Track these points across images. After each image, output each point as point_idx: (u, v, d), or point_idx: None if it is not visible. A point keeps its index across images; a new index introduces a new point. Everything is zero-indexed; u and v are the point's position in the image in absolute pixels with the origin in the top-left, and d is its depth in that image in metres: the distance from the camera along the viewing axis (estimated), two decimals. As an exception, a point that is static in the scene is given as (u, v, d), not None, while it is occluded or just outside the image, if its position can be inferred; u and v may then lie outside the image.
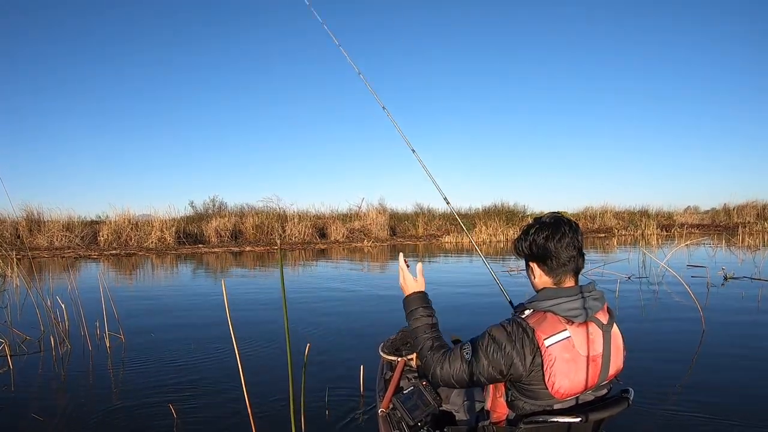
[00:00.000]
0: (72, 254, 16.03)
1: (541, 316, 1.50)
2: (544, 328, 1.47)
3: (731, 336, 4.89)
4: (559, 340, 1.45)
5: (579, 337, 1.48)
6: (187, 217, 22.22)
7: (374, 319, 5.90)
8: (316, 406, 3.26)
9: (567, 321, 1.49)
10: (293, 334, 5.29)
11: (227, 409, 3.22)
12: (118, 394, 3.57)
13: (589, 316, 1.51)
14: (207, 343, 4.85)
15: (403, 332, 3.07)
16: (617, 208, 26.23)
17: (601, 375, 1.52)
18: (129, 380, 3.89)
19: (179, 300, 7.63)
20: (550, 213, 1.64)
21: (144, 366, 4.23)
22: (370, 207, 23.72)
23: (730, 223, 25.04)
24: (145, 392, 3.57)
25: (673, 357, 4.27)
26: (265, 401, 3.33)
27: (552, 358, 1.44)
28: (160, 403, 3.30)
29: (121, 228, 19.05)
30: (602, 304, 1.56)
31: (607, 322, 1.55)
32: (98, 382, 3.91)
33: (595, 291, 1.56)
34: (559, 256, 1.55)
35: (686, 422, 2.91)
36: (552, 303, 1.51)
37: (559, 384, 1.46)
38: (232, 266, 13.00)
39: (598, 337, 1.51)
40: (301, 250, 17.23)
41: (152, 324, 5.80)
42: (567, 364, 1.45)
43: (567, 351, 1.46)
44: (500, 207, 24.97)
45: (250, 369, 4.08)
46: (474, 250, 15.99)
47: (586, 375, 1.49)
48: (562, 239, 1.54)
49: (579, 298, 1.51)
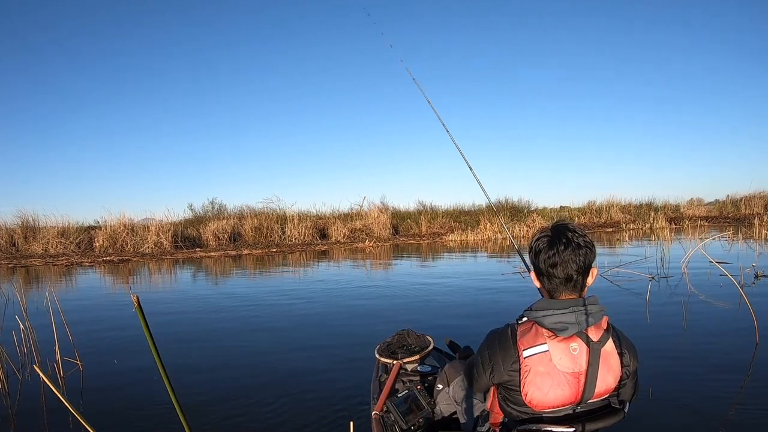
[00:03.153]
0: (65, 261, 15.58)
1: (529, 326, 1.52)
2: (527, 338, 1.50)
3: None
4: (536, 352, 1.47)
5: (558, 352, 1.47)
6: (186, 220, 21.83)
7: (370, 321, 5.74)
8: (310, 407, 3.22)
9: (550, 334, 1.48)
10: (286, 335, 4.99)
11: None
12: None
13: (574, 331, 1.48)
14: (179, 370, 4.24)
15: (399, 335, 3.09)
16: (622, 202, 25.70)
17: (585, 392, 1.48)
18: (82, 418, 3.38)
19: (156, 316, 6.68)
20: (559, 222, 1.61)
21: (102, 400, 3.63)
22: (372, 206, 23.27)
23: (738, 214, 24.49)
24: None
25: (725, 369, 3.76)
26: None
27: (527, 369, 1.47)
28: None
29: (117, 233, 18.62)
30: (597, 320, 1.51)
31: (599, 339, 1.50)
32: (40, 421, 3.30)
33: (593, 306, 1.51)
34: (552, 273, 1.54)
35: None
36: (541, 314, 1.51)
37: (532, 395, 1.47)
38: (227, 271, 12.55)
39: (582, 354, 1.48)
40: (301, 252, 16.76)
41: (118, 345, 5.13)
42: (541, 377, 1.46)
43: (542, 364, 1.46)
44: (504, 203, 24.46)
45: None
46: (479, 248, 15.53)
47: (563, 390, 1.47)
48: (558, 256, 1.52)
49: (569, 313, 1.48)
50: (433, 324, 5.25)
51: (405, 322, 3.80)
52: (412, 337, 3.06)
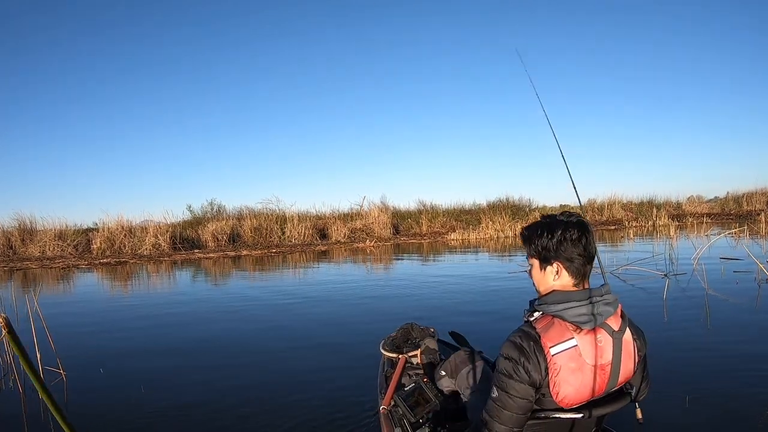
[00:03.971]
0: (62, 264, 15.37)
1: (549, 321, 1.45)
2: (551, 335, 1.42)
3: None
4: (565, 348, 1.41)
5: (587, 346, 1.42)
6: (185, 221, 21.62)
7: (375, 316, 5.70)
8: (317, 404, 3.20)
9: (575, 328, 1.42)
10: (289, 334, 5.00)
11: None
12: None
13: (598, 323, 1.44)
14: (164, 378, 4.03)
15: (403, 329, 3.06)
16: (624, 199, 25.52)
17: (610, 383, 1.46)
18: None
19: (144, 320, 6.44)
20: (568, 212, 1.57)
21: (86, 410, 3.42)
22: (372, 205, 23.06)
23: (741, 211, 24.35)
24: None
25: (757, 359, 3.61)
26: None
27: (557, 367, 1.40)
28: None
29: (115, 235, 18.42)
30: (614, 309, 1.47)
31: (619, 328, 1.48)
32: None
33: (608, 295, 1.48)
34: (574, 262, 1.49)
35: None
36: (561, 307, 1.45)
37: (564, 393, 1.42)
38: (226, 272, 12.35)
39: (608, 345, 1.45)
40: (301, 252, 16.56)
41: (104, 352, 4.87)
42: (573, 373, 1.41)
43: (573, 360, 1.41)
44: (505, 201, 24.26)
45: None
46: (482, 247, 15.34)
47: (593, 384, 1.44)
48: (583, 243, 1.49)
49: (588, 304, 1.44)
50: (440, 321, 5.09)
51: (410, 319, 3.66)
52: (416, 331, 3.06)
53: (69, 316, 6.88)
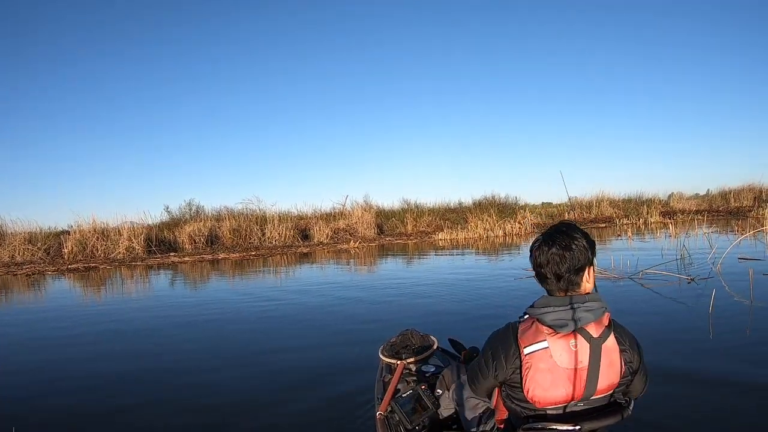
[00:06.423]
0: (29, 270, 14.53)
1: (530, 323, 1.54)
2: (527, 336, 1.51)
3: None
4: (536, 349, 1.48)
5: (558, 348, 1.47)
6: (162, 223, 20.84)
7: (373, 322, 5.60)
8: (313, 408, 3.20)
9: (550, 331, 1.48)
10: (287, 338, 4.85)
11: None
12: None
13: (576, 328, 1.47)
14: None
15: (402, 335, 3.05)
16: (612, 196, 25.20)
17: (587, 388, 1.48)
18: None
19: (133, 322, 6.22)
20: (558, 223, 1.63)
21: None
22: (355, 204, 22.46)
23: (729, 207, 24.21)
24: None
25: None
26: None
27: (528, 366, 1.48)
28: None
29: (87, 238, 17.58)
30: (596, 317, 1.50)
31: (600, 335, 1.49)
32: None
33: (592, 302, 1.51)
34: (542, 272, 1.58)
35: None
36: (542, 311, 1.51)
37: (533, 392, 1.48)
38: (204, 276, 11.64)
39: (584, 350, 1.47)
40: (282, 255, 15.89)
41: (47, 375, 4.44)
42: (542, 373, 1.47)
43: (543, 361, 1.47)
44: (491, 199, 23.82)
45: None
46: (470, 247, 14.81)
47: (565, 386, 1.47)
48: (543, 256, 1.57)
49: (569, 309, 1.49)
50: (435, 325, 4.95)
51: (406, 323, 3.60)
52: (416, 337, 3.03)
53: (17, 334, 6.21)
